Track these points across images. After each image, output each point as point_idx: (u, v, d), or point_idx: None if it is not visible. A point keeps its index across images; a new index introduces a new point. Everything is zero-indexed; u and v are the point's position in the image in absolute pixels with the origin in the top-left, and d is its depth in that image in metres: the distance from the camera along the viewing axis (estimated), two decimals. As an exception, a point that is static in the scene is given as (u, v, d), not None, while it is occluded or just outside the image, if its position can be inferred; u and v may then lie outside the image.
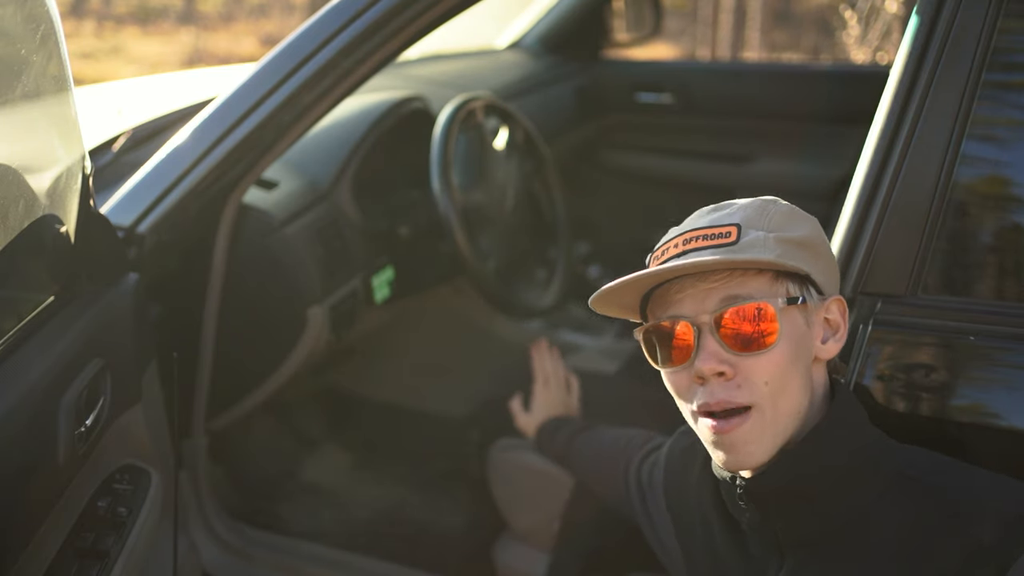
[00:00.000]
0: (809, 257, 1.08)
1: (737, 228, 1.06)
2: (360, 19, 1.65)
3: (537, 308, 2.32)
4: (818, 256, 1.09)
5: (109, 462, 1.54)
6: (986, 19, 1.21)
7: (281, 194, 1.99)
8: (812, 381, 1.09)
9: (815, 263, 1.08)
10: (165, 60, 10.35)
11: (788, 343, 1.05)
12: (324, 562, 2.06)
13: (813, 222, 1.12)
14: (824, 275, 1.10)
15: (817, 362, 1.10)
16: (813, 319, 1.08)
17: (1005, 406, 1.19)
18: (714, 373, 1.05)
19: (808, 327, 1.07)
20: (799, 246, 1.07)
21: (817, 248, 1.10)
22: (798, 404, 1.07)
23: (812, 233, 1.10)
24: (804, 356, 1.07)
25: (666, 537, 1.35)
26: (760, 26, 8.88)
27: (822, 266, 1.10)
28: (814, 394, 1.09)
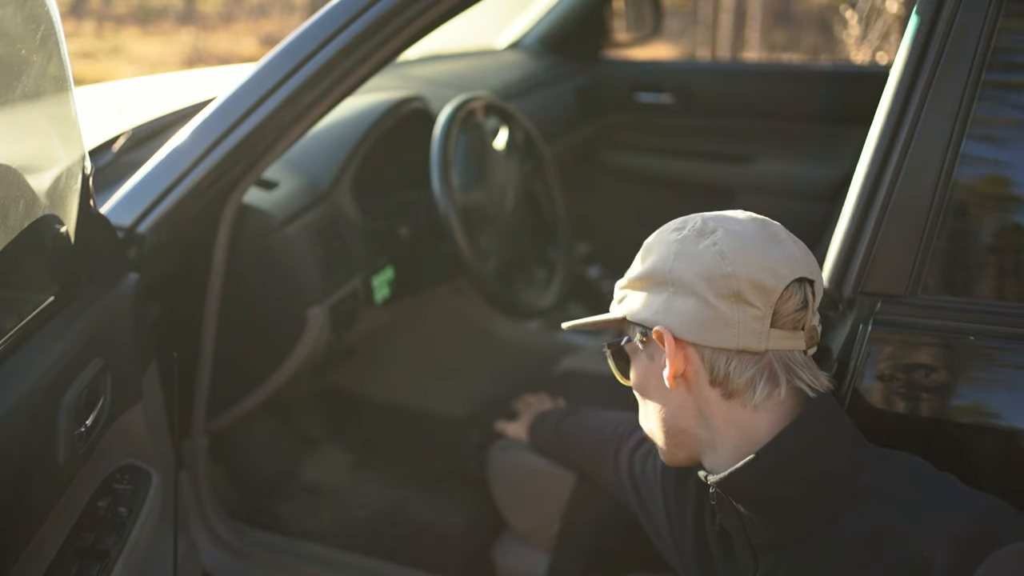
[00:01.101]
0: (643, 293, 1.14)
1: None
2: (360, 19, 1.65)
3: (537, 308, 2.32)
4: (662, 285, 1.12)
5: (109, 462, 1.54)
6: (986, 19, 1.21)
7: (281, 194, 1.99)
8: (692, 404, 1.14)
9: (649, 298, 1.13)
10: (165, 60, 10.35)
11: (636, 376, 1.19)
12: (324, 562, 2.06)
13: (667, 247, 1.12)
14: (659, 307, 1.12)
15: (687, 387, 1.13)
16: (651, 352, 1.15)
17: (1005, 406, 1.19)
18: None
19: (651, 359, 1.16)
20: (636, 285, 1.16)
21: (660, 279, 1.12)
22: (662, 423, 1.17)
23: (653, 265, 1.13)
24: (657, 385, 1.16)
25: (661, 526, 1.37)
26: (760, 26, 8.88)
27: (666, 296, 1.11)
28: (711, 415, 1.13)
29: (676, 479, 1.32)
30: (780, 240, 1.11)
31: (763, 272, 1.08)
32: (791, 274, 1.09)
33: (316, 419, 2.53)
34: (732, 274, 1.08)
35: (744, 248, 1.09)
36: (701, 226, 1.12)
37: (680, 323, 1.10)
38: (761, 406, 1.10)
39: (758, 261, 1.08)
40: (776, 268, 1.08)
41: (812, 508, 1.08)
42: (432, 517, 2.29)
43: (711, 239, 1.10)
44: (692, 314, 1.09)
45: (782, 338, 1.09)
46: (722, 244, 1.09)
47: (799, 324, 1.10)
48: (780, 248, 1.10)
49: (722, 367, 1.10)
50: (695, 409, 1.13)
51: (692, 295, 1.09)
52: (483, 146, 2.30)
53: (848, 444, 1.11)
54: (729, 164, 3.38)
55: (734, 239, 1.09)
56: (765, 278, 1.08)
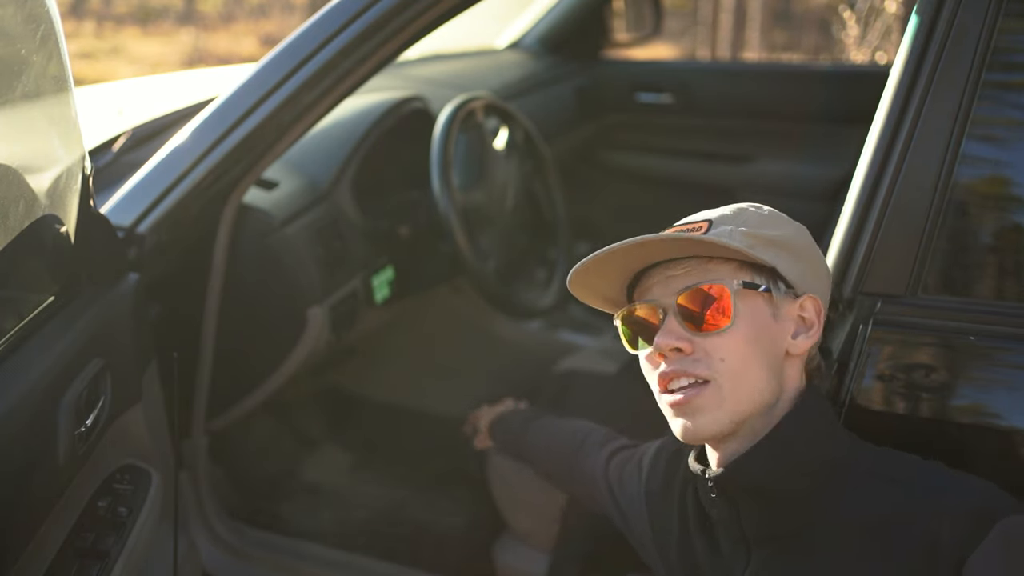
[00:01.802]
0: (782, 254, 1.11)
1: (708, 223, 1.12)
2: (360, 19, 1.65)
3: (537, 308, 2.32)
4: (796, 256, 1.13)
5: (109, 462, 1.54)
6: (986, 19, 1.21)
7: (281, 194, 1.99)
8: (783, 375, 1.12)
9: (788, 260, 1.12)
10: (165, 60, 10.35)
11: (747, 327, 1.08)
12: (324, 562, 2.06)
13: (797, 227, 1.17)
14: (799, 273, 1.12)
15: (790, 357, 1.13)
16: (782, 312, 1.11)
17: (1005, 406, 1.19)
18: (670, 348, 1.09)
19: (775, 319, 1.11)
20: (770, 243, 1.11)
21: (794, 248, 1.13)
22: (759, 390, 1.09)
23: (790, 235, 1.14)
24: (768, 345, 1.10)
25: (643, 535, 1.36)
26: (760, 26, 8.87)
27: (799, 265, 1.13)
28: (784, 389, 1.12)
29: (661, 483, 1.31)
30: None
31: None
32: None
33: (316, 419, 2.53)
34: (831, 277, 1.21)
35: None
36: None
37: (819, 298, 1.15)
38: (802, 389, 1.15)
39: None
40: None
41: (813, 494, 1.09)
42: (432, 517, 2.29)
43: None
44: (823, 296, 1.16)
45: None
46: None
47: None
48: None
49: (817, 351, 1.16)
50: (781, 383, 1.12)
51: (825, 282, 1.17)
52: (483, 146, 2.30)
53: (842, 431, 1.13)
54: (729, 164, 3.38)
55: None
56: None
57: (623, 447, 1.50)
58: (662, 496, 1.31)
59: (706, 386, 1.09)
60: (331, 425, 2.54)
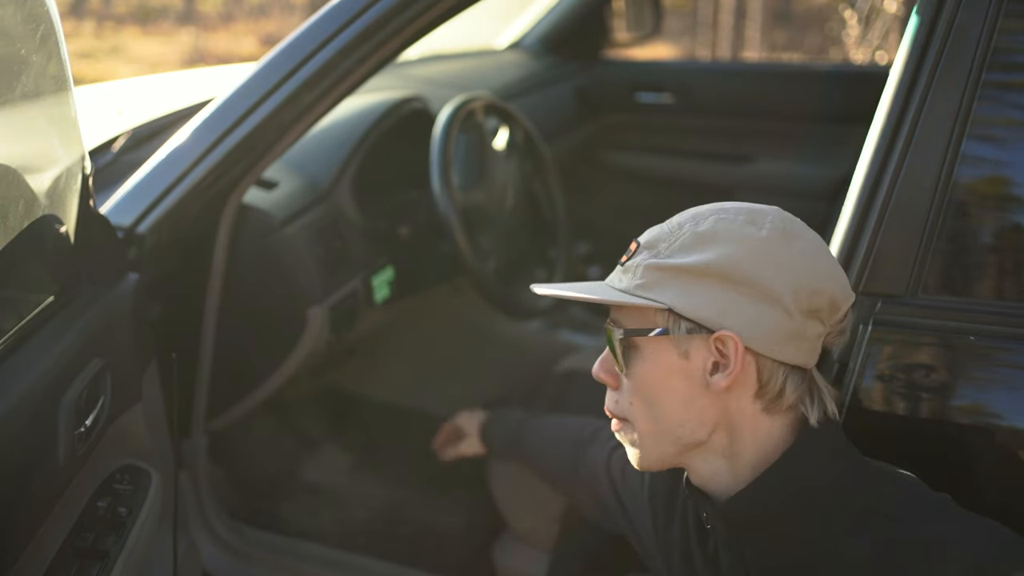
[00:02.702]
0: (697, 287, 1.01)
1: (636, 247, 1.08)
2: (360, 19, 1.65)
3: (537, 308, 2.32)
4: (726, 283, 1.01)
5: (109, 462, 1.54)
6: (986, 19, 1.21)
7: (281, 194, 1.99)
8: (721, 409, 1.04)
9: (698, 294, 1.01)
10: (165, 60, 10.34)
11: (652, 370, 1.05)
12: (324, 562, 2.06)
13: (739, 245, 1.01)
14: (716, 308, 1.01)
15: (725, 394, 1.04)
16: (692, 350, 1.03)
17: (1005, 406, 1.19)
18: (599, 377, 1.11)
19: (685, 358, 1.03)
20: (685, 274, 1.01)
21: (726, 276, 1.01)
22: (679, 432, 1.06)
23: (719, 259, 1.01)
24: (681, 385, 1.04)
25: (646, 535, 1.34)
26: (760, 26, 8.87)
27: (720, 296, 1.01)
28: (733, 425, 1.05)
29: (666, 488, 1.28)
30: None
31: (841, 290, 1.04)
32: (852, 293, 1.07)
33: (316, 419, 2.53)
34: (820, 291, 1.01)
35: (828, 260, 1.04)
36: (786, 226, 1.03)
37: (754, 331, 1.01)
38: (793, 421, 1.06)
39: (838, 277, 1.04)
40: (847, 285, 1.05)
41: (814, 529, 1.04)
42: (432, 517, 2.29)
43: (800, 246, 1.02)
44: (771, 325, 1.01)
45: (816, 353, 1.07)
46: (811, 254, 1.02)
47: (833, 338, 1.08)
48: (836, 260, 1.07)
49: (779, 381, 1.03)
50: (716, 419, 1.05)
51: (776, 305, 1.00)
52: (483, 146, 2.30)
53: (848, 462, 1.07)
54: (729, 164, 3.38)
55: (819, 249, 1.03)
56: (841, 296, 1.04)
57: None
58: (666, 501, 1.28)
59: (625, 423, 1.10)
60: (331, 425, 2.54)
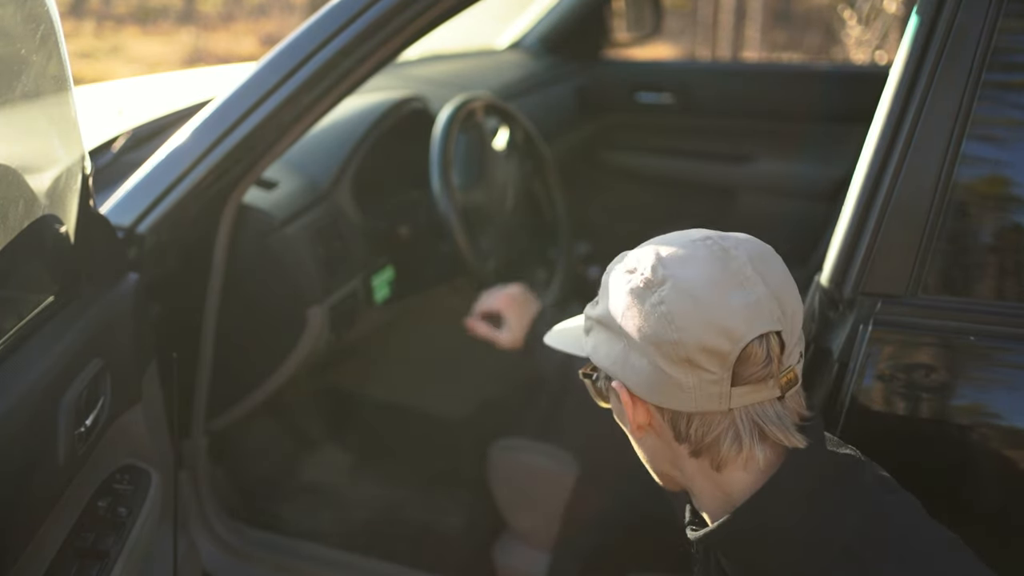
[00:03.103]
0: (603, 337, 1.05)
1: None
2: (360, 19, 1.65)
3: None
4: (616, 335, 1.03)
5: (109, 462, 1.54)
6: (986, 19, 1.21)
7: (281, 194, 2.00)
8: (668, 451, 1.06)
9: (606, 344, 1.04)
10: (165, 60, 10.34)
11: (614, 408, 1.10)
12: (324, 562, 2.06)
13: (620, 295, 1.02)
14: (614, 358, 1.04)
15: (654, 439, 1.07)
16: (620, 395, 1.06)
17: (1005, 406, 1.19)
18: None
19: (619, 401, 1.05)
20: (596, 323, 1.07)
21: (608, 326, 1.04)
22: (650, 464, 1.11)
23: (608, 310, 1.03)
24: (628, 427, 1.08)
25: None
26: (760, 26, 8.87)
27: (615, 346, 1.03)
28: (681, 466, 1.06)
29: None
30: (742, 280, 0.97)
31: (715, 336, 0.96)
32: (749, 332, 0.96)
33: (316, 419, 2.53)
34: (680, 341, 0.96)
35: (694, 307, 0.96)
36: (650, 276, 1.00)
37: (636, 382, 1.02)
38: (733, 462, 1.02)
39: (711, 323, 0.96)
40: (731, 329, 0.96)
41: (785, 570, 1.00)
42: (432, 517, 2.29)
43: (658, 295, 0.98)
44: (645, 375, 1.00)
45: (748, 393, 0.98)
46: (669, 303, 0.97)
47: (766, 377, 0.98)
48: (741, 293, 0.96)
49: (683, 427, 1.01)
50: (668, 455, 1.07)
51: (643, 355, 1.00)
52: (483, 146, 2.30)
53: (829, 501, 1.01)
54: (729, 164, 3.38)
55: (682, 296, 0.97)
56: (718, 343, 0.96)
57: None
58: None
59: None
60: (331, 425, 2.54)
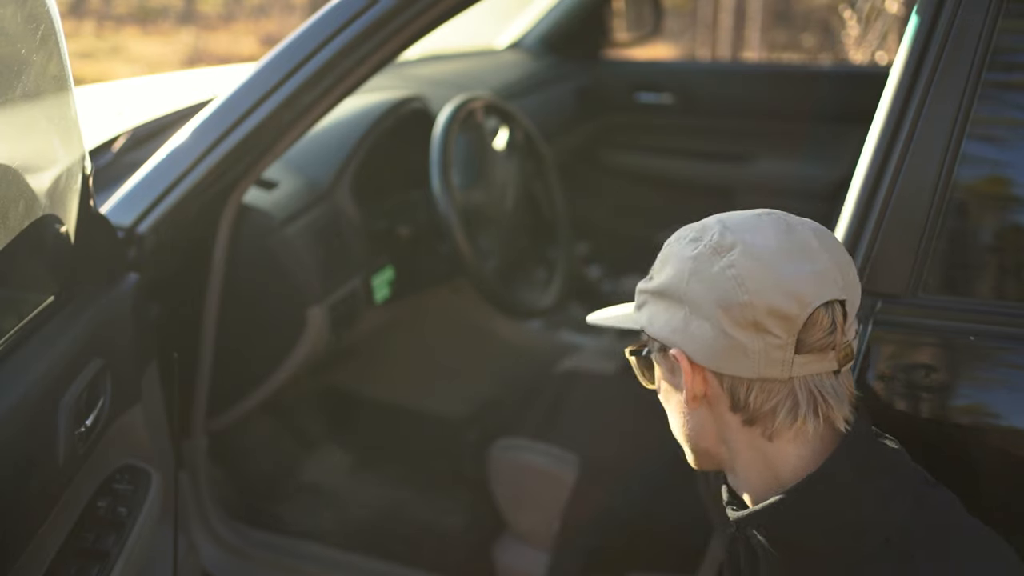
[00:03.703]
0: (660, 308, 1.05)
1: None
2: (360, 19, 1.65)
3: (537, 308, 2.32)
4: (676, 303, 1.03)
5: (109, 462, 1.54)
6: (986, 19, 1.21)
7: (281, 194, 2.00)
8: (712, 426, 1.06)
9: (665, 314, 1.04)
10: (165, 60, 10.34)
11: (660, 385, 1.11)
12: (324, 562, 2.06)
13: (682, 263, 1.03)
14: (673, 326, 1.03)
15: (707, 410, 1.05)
16: (673, 365, 1.05)
17: (1005, 406, 1.19)
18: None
19: (671, 373, 1.07)
20: (655, 296, 1.07)
21: (675, 296, 1.03)
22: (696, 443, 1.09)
23: (669, 279, 1.04)
24: (675, 401, 1.08)
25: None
26: (760, 26, 8.87)
27: (676, 313, 1.03)
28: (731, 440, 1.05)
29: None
30: (809, 252, 0.99)
31: (785, 299, 0.97)
32: (817, 298, 0.97)
33: (316, 419, 2.53)
34: (749, 303, 0.97)
35: (764, 271, 0.98)
36: (718, 240, 1.01)
37: (696, 348, 1.02)
38: (785, 435, 1.02)
39: (780, 286, 0.97)
40: (801, 293, 0.97)
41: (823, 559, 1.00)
42: (432, 517, 2.29)
43: (727, 259, 0.99)
44: (708, 340, 1.00)
45: (808, 363, 0.99)
46: (739, 266, 0.98)
47: (828, 346, 1.00)
48: (809, 263, 0.98)
49: (742, 395, 1.01)
50: (715, 429, 1.06)
51: (707, 320, 1.00)
52: (483, 146, 2.30)
53: (880, 486, 1.01)
54: (729, 164, 3.38)
55: (753, 260, 0.98)
56: (787, 306, 0.97)
57: None
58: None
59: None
60: (331, 425, 2.54)
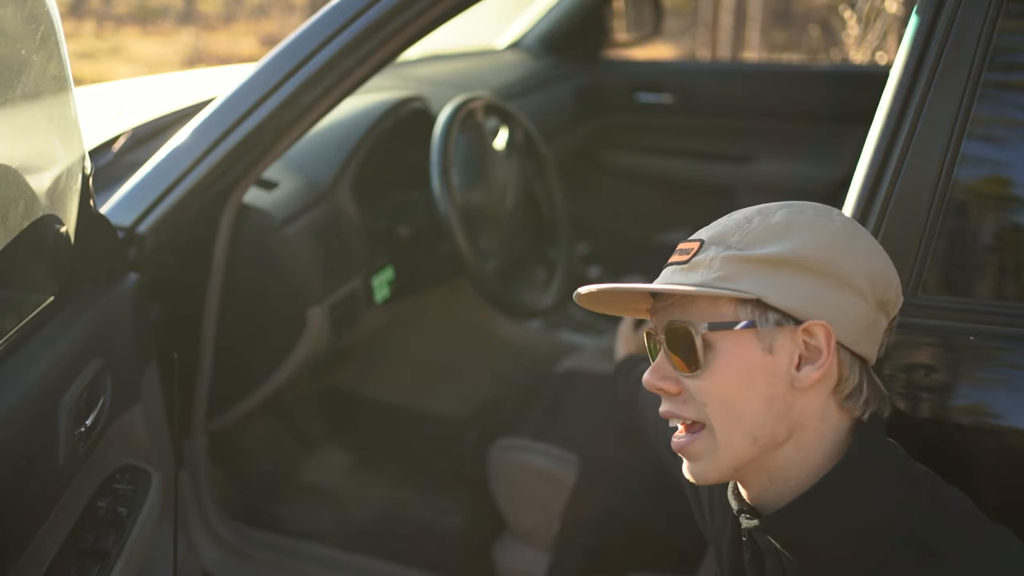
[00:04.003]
0: (780, 277, 0.98)
1: (700, 244, 1.03)
2: (360, 19, 1.65)
3: (537, 308, 2.32)
4: (805, 272, 0.98)
5: (109, 462, 1.54)
6: (986, 19, 1.21)
7: (281, 194, 2.00)
8: (794, 410, 1.00)
9: (789, 283, 0.98)
10: (165, 60, 10.34)
11: (732, 368, 0.99)
12: (324, 562, 2.06)
13: (816, 234, 1.00)
14: (805, 296, 0.98)
15: (803, 391, 1.00)
16: (779, 343, 0.98)
17: (1005, 406, 1.19)
18: (656, 388, 1.04)
19: (769, 352, 0.99)
20: (765, 264, 0.98)
21: (806, 265, 0.98)
22: (758, 434, 1.00)
23: (798, 248, 0.99)
24: (763, 384, 0.99)
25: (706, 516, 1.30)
26: (760, 26, 8.87)
27: (807, 285, 0.98)
28: (802, 426, 1.01)
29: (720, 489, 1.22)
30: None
31: (898, 286, 1.05)
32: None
33: (316, 419, 2.53)
34: (890, 281, 1.02)
35: (886, 254, 1.04)
36: (846, 220, 1.03)
37: (841, 322, 0.98)
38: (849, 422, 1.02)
39: (895, 273, 1.04)
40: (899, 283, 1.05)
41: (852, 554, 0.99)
42: (432, 517, 2.29)
43: (866, 240, 1.03)
44: (856, 315, 0.98)
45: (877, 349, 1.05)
46: (877, 246, 1.03)
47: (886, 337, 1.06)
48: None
49: (856, 376, 1.00)
50: (793, 420, 1.00)
51: (857, 294, 0.99)
52: (483, 146, 2.30)
53: (897, 483, 1.01)
54: (729, 164, 3.38)
55: (878, 243, 1.05)
56: (899, 292, 1.05)
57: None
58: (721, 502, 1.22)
59: (700, 431, 1.02)
60: (331, 425, 2.54)
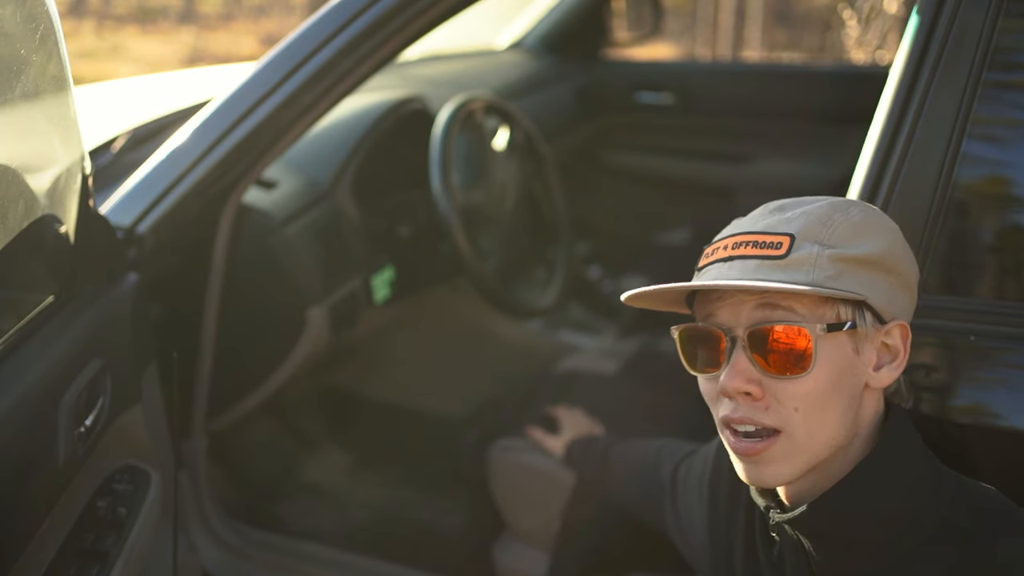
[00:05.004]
0: (872, 278, 0.97)
1: (790, 239, 0.97)
2: (360, 19, 1.65)
3: (537, 308, 2.32)
4: (888, 274, 0.99)
5: (109, 462, 1.54)
6: (986, 19, 1.21)
7: (281, 194, 1.99)
8: (860, 410, 1.00)
9: (879, 284, 0.98)
10: (165, 60, 10.34)
11: (827, 370, 0.96)
12: (324, 562, 2.06)
13: (888, 234, 1.01)
14: (889, 297, 0.99)
15: (869, 390, 1.01)
16: (865, 345, 0.99)
17: (1005, 406, 1.19)
18: (739, 392, 0.98)
19: (857, 353, 0.98)
20: (860, 265, 0.97)
21: (888, 266, 0.99)
22: (836, 436, 0.99)
23: (882, 249, 0.99)
24: (848, 384, 0.98)
25: (692, 534, 1.32)
26: (760, 26, 8.87)
27: (890, 286, 0.99)
28: (861, 423, 1.01)
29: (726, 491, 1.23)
30: None
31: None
32: None
33: (316, 419, 2.53)
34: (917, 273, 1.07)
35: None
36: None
37: (907, 321, 1.02)
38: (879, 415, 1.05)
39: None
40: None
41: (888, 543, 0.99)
42: (432, 517, 2.29)
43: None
44: (911, 314, 1.03)
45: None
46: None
47: None
48: None
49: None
50: (855, 419, 1.01)
51: (912, 294, 1.04)
52: (483, 146, 2.30)
53: (928, 468, 1.02)
54: (729, 164, 3.38)
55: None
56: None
57: (691, 453, 1.42)
58: (728, 504, 1.22)
59: (776, 437, 0.98)
60: (331, 425, 2.54)
